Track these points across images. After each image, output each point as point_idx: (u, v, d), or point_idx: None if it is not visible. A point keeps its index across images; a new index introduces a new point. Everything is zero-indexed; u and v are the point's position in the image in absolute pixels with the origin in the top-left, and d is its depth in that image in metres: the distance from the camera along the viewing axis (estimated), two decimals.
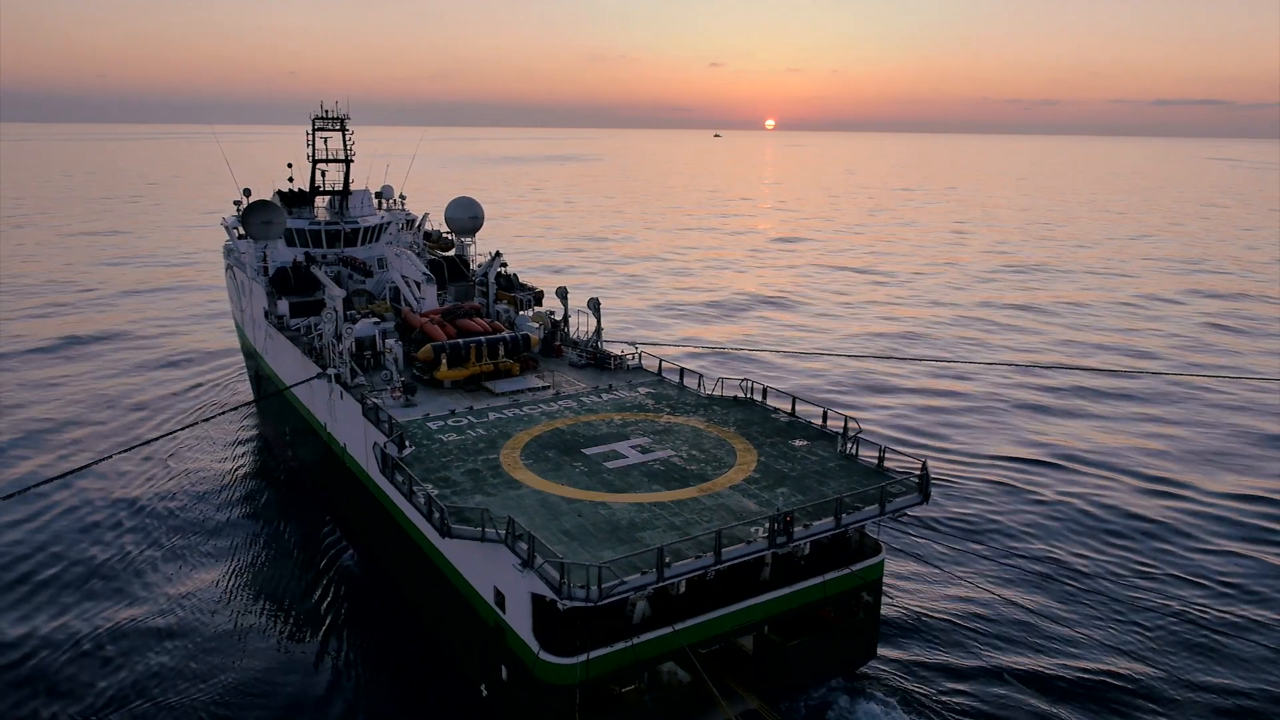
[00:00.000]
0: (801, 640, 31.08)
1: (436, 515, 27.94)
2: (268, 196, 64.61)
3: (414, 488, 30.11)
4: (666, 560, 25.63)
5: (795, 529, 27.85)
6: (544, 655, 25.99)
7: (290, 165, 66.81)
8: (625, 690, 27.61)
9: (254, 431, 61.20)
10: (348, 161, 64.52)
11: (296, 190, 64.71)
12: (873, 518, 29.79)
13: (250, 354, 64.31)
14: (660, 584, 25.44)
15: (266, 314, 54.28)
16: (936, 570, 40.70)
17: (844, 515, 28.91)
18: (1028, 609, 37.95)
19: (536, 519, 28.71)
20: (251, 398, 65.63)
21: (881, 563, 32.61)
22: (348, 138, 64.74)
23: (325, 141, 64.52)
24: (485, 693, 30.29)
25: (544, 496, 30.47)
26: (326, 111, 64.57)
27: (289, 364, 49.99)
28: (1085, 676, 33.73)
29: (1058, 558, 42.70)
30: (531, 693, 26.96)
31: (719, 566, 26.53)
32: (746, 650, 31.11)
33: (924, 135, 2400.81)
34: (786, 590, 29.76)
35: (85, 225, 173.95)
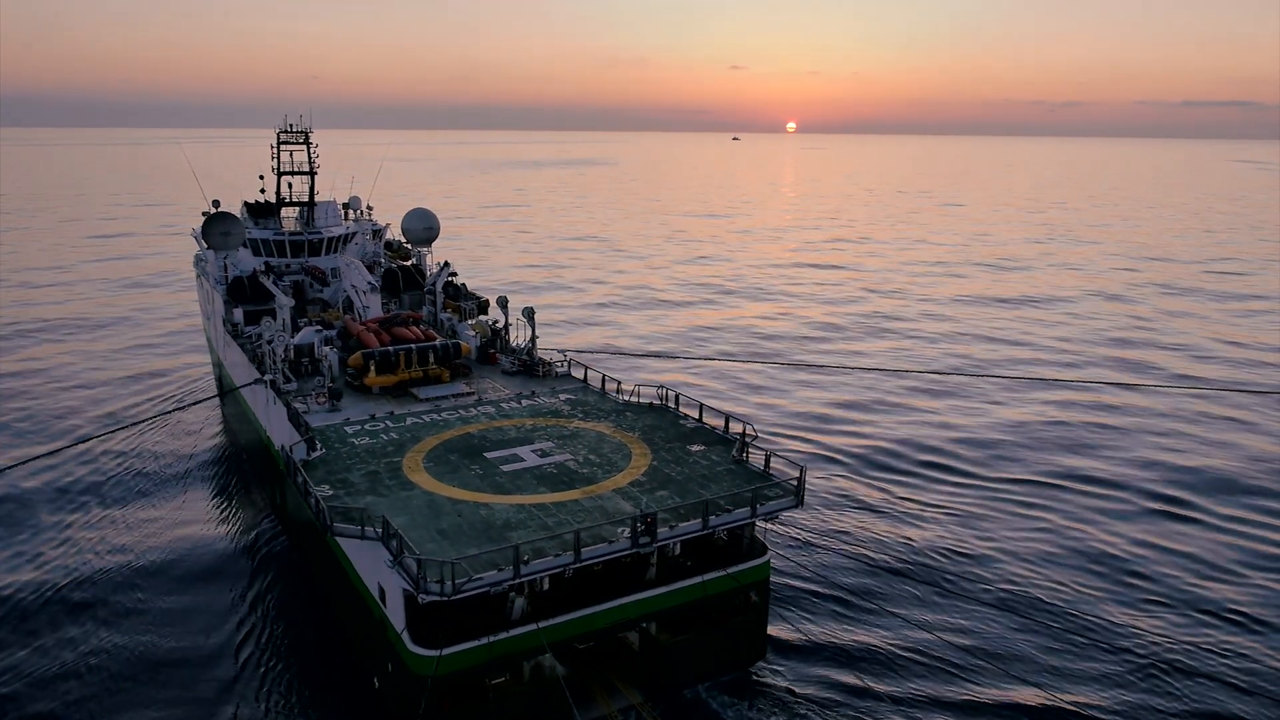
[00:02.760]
0: (685, 638, 32.35)
1: (322, 514, 29.56)
2: (238, 206, 67.05)
3: (309, 488, 31.75)
4: (525, 558, 27.12)
5: (660, 530, 29.21)
6: (412, 648, 27.55)
7: (262, 177, 68.97)
8: (496, 682, 29.04)
9: (217, 428, 63.41)
10: (312, 174, 66.53)
11: (264, 201, 66.80)
12: (742, 520, 31.10)
13: (214, 357, 66.57)
14: (516, 580, 26.89)
15: (224, 321, 56.33)
16: (831, 572, 41.81)
17: (711, 517, 30.24)
18: (918, 608, 39.08)
19: (418, 518, 30.27)
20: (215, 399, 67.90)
21: (768, 563, 33.88)
22: (312, 150, 66.83)
23: (291, 154, 66.62)
24: (377, 684, 31.90)
25: (432, 497, 32.03)
26: (291, 125, 66.62)
27: (240, 369, 51.96)
28: (969, 675, 34.77)
29: (946, 558, 43.94)
30: (403, 684, 28.53)
31: (578, 565, 27.92)
32: (633, 647, 32.54)
33: (946, 138, 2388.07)
34: (663, 589, 31.10)
35: (97, 226, 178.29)
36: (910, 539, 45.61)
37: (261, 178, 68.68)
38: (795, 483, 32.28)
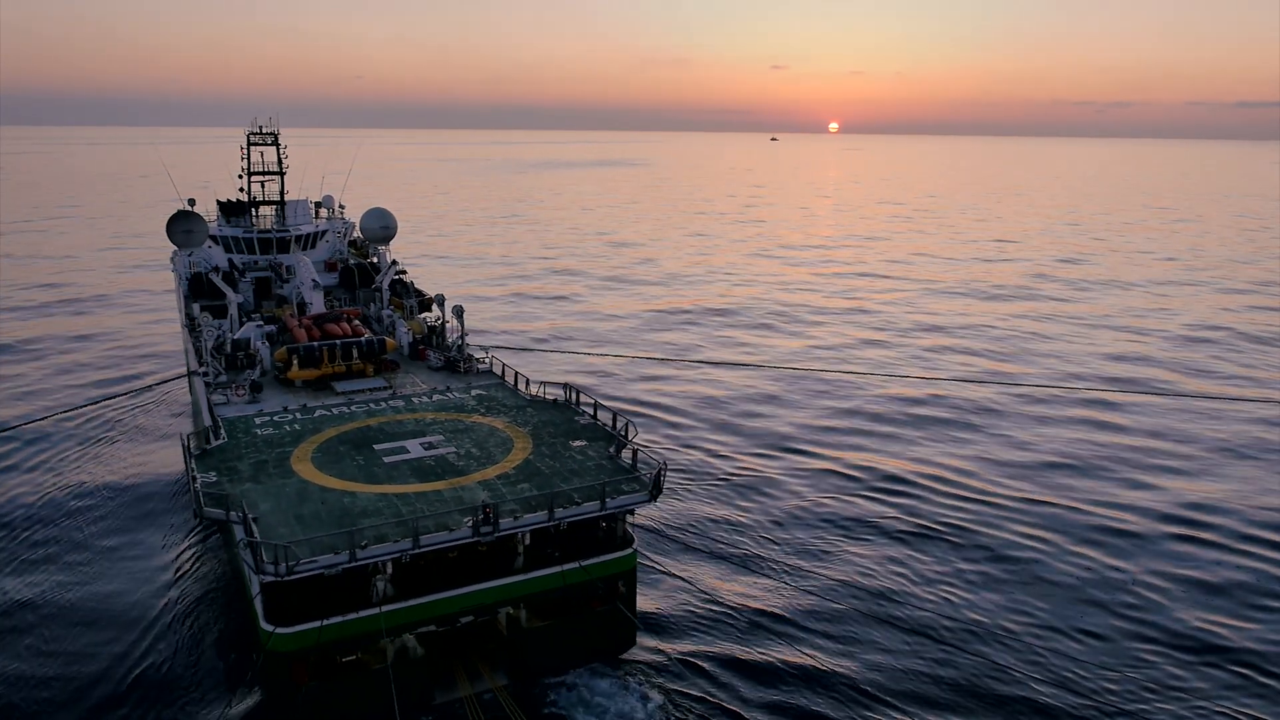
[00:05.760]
0: (548, 625, 33.68)
1: (196, 498, 31.48)
2: (214, 204, 69.86)
3: (192, 473, 33.71)
4: (364, 543, 28.78)
5: (503, 520, 30.65)
6: (263, 624, 29.31)
7: (241, 175, 71.58)
8: (347, 660, 30.63)
9: (183, 413, 66.22)
10: (281, 173, 68.96)
11: (237, 200, 69.41)
12: (593, 514, 32.39)
13: (185, 346, 69.48)
14: (352, 564, 28.51)
15: (185, 314, 58.97)
16: (706, 563, 42.99)
17: (558, 509, 31.62)
18: (791, 599, 40.16)
19: (283, 505, 32.03)
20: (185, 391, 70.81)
21: (634, 555, 35.06)
22: (281, 151, 69.28)
23: (261, 155, 69.13)
24: (255, 659, 33.76)
25: (305, 486, 33.77)
26: (260, 127, 69.15)
27: (193, 361, 54.48)
28: (840, 670, 35.77)
29: (816, 552, 45.24)
30: (259, 658, 30.37)
31: (416, 551, 29.45)
32: (503, 633, 33.97)
33: (990, 139, 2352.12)
34: (517, 579, 32.40)
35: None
36: (790, 532, 47.14)
37: (240, 176, 71.32)
38: (652, 479, 33.47)
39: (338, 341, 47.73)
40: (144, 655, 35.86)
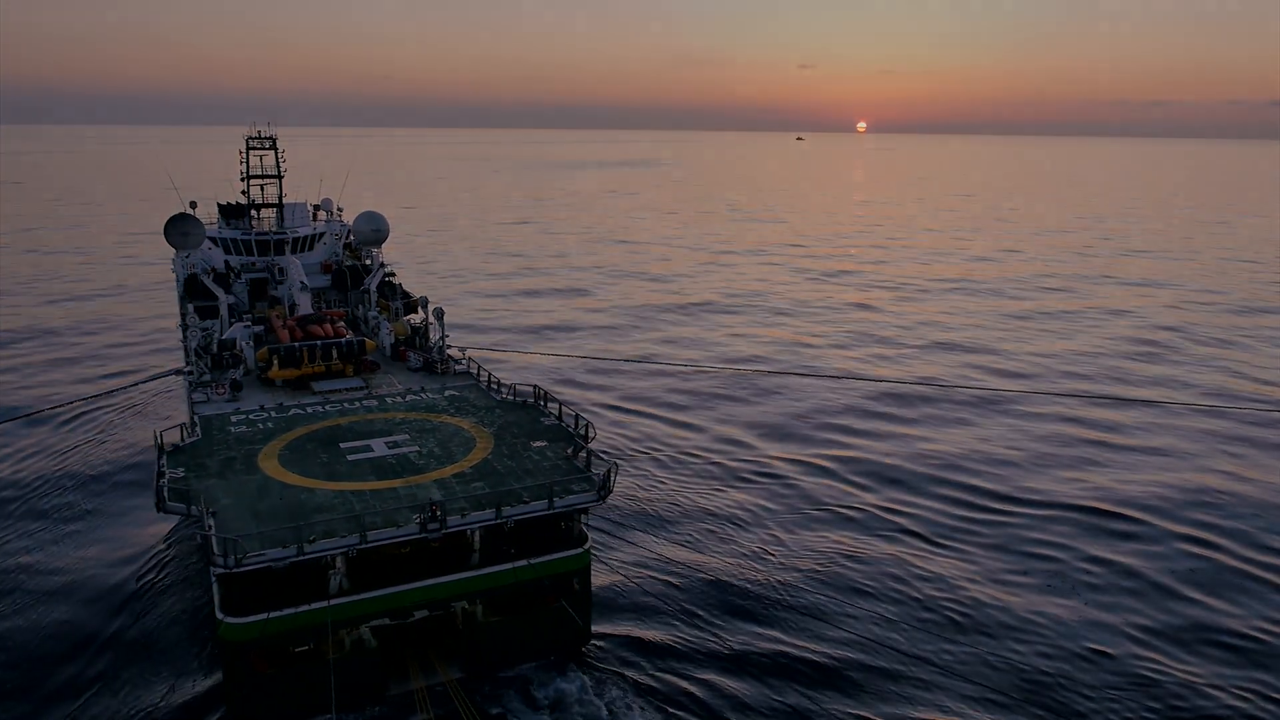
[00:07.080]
0: (501, 620, 34.57)
1: (156, 494, 32.76)
2: (214, 207, 71.66)
3: (160, 469, 35.02)
4: (312, 538, 29.90)
5: (451, 518, 31.63)
6: (219, 614, 30.49)
7: (242, 179, 73.37)
8: (299, 650, 31.71)
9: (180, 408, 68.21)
10: (279, 177, 70.54)
11: (236, 203, 71.15)
12: (540, 513, 33.29)
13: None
14: (300, 558, 29.61)
15: (180, 314, 60.67)
16: (666, 562, 43.66)
17: (506, 508, 32.56)
18: (746, 595, 40.91)
19: (243, 500, 33.21)
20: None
21: (587, 553, 35.84)
22: (279, 155, 70.88)
23: (260, 159, 70.72)
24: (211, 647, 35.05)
25: (267, 482, 34.95)
26: (259, 132, 70.78)
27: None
28: (798, 661, 36.42)
29: (777, 548, 45.97)
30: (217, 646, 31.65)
31: (362, 546, 30.50)
32: (458, 627, 34.94)
33: (1023, 139, 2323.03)
34: (465, 575, 33.25)
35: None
36: (752, 529, 47.94)
37: (242, 179, 73.07)
38: (602, 479, 34.28)
39: (318, 342, 49.00)
40: (114, 637, 37.30)
